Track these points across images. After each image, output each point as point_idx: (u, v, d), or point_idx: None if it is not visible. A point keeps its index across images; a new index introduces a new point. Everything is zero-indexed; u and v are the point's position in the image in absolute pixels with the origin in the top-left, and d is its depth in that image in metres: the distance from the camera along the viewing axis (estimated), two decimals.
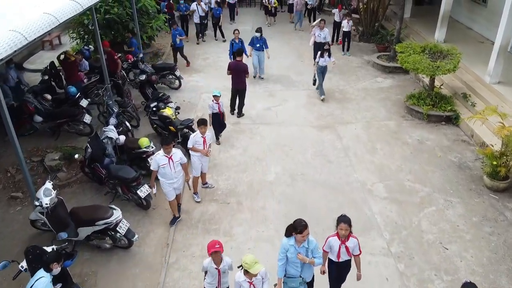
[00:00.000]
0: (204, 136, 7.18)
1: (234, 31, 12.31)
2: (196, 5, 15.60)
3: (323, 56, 10.97)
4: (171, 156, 6.40)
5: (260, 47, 12.16)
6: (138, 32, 12.83)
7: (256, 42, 12.11)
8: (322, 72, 11.24)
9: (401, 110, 10.76)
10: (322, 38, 12.65)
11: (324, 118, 10.45)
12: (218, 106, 8.81)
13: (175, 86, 12.17)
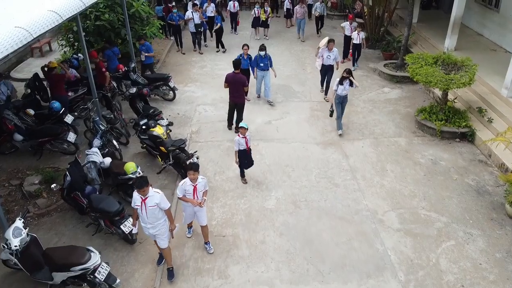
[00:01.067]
0: (195, 184, 5.79)
1: (243, 46, 10.81)
2: (192, 13, 14.52)
3: (342, 83, 9.16)
4: (146, 199, 5.35)
5: (265, 66, 10.76)
6: (130, 39, 12.10)
7: (260, 61, 10.71)
8: (341, 102, 9.44)
9: (411, 125, 10.00)
10: (332, 60, 10.91)
11: (328, 134, 9.70)
12: (245, 140, 7.46)
13: (169, 98, 11.42)
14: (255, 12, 15.86)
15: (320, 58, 11.04)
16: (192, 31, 14.79)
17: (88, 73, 9.13)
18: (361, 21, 17.03)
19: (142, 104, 9.64)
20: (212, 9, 15.73)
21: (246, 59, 10.76)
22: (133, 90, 9.44)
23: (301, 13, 15.90)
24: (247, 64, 10.75)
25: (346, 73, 9.13)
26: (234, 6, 16.47)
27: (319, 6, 16.27)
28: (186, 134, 9.73)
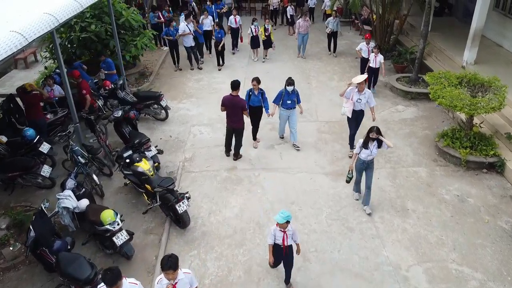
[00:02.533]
0: (174, 282, 4.37)
1: (253, 80, 8.53)
2: (186, 26, 12.80)
3: (367, 146, 6.73)
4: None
5: (291, 104, 8.64)
6: (119, 52, 11.03)
7: (286, 97, 8.58)
8: (364, 169, 6.98)
9: (431, 151, 8.93)
10: (362, 104, 8.27)
11: (339, 162, 8.62)
12: (283, 236, 5.24)
13: (161, 117, 10.35)
14: (251, 31, 13.55)
15: (349, 101, 8.21)
16: (187, 45, 13.07)
17: (67, 94, 8.05)
18: (369, 28, 16.01)
19: (129, 128, 8.56)
20: (210, 22, 14.04)
21: (258, 95, 8.62)
22: (118, 113, 8.36)
23: (305, 27, 13.89)
24: (258, 101, 8.63)
25: (373, 132, 6.62)
26: (236, 21, 14.25)
27: (332, 21, 13.94)
28: (178, 162, 8.65)
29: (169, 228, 6.78)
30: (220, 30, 13.13)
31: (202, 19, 14.06)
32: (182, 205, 6.29)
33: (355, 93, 8.13)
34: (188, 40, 12.97)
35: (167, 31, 13.07)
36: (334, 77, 12.91)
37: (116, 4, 11.63)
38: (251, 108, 8.63)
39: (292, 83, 8.53)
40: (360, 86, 8.01)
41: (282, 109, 8.73)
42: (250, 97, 8.60)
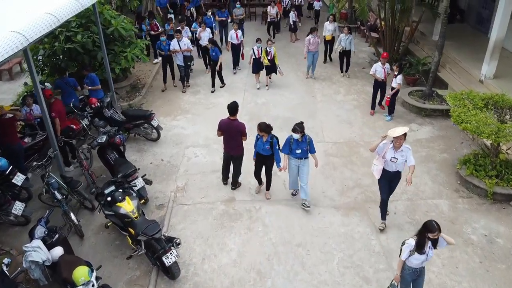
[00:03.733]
0: None
1: (259, 126, 7.02)
2: (177, 42, 11.37)
3: (423, 250, 4.83)
4: None
5: (302, 153, 6.92)
6: (107, 64, 10.12)
7: (295, 146, 6.88)
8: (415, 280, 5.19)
9: (452, 179, 8.02)
10: (399, 165, 6.32)
11: (350, 192, 7.72)
12: None
13: (152, 138, 9.44)
14: (254, 53, 11.63)
15: (381, 159, 6.33)
16: (180, 64, 11.69)
17: (43, 115, 7.16)
18: (376, 35, 15.12)
19: (115, 155, 7.65)
20: (208, 35, 12.50)
21: (266, 143, 7.07)
22: (102, 138, 7.45)
23: (316, 44, 12.04)
24: (266, 150, 7.07)
25: (435, 232, 4.69)
26: (237, 37, 12.58)
27: (344, 38, 12.12)
28: (169, 192, 7.75)
29: (156, 279, 5.88)
30: (215, 47, 11.45)
31: (199, 33, 12.73)
32: (170, 257, 5.38)
33: (390, 150, 6.18)
34: (178, 57, 11.61)
35: (159, 44, 11.73)
36: (340, 90, 12.00)
37: (105, 12, 10.73)
38: (258, 155, 7.22)
39: (300, 130, 6.73)
40: (398, 142, 6.07)
41: (291, 158, 7.06)
42: (257, 141, 7.16)
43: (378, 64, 10.07)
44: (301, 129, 6.75)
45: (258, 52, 11.53)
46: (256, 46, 11.58)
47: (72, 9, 7.56)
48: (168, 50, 11.49)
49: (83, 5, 7.60)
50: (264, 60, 11.51)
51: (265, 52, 11.46)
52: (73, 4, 7.64)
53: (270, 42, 11.56)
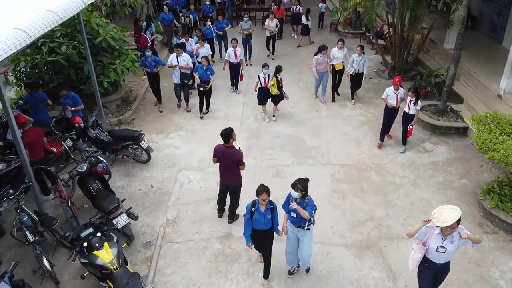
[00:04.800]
0: None
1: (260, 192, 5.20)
2: (176, 57, 10.12)
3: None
4: None
5: (298, 220, 5.31)
6: (94, 78, 9.28)
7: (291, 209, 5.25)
8: None
9: (474, 211, 7.19)
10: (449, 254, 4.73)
11: (361, 227, 6.87)
12: None
13: (142, 159, 8.60)
14: (260, 80, 9.79)
15: (421, 247, 4.77)
16: (176, 82, 10.42)
17: (16, 143, 6.32)
18: (383, 43, 14.29)
19: (97, 185, 6.80)
20: (207, 51, 11.24)
21: (265, 213, 5.29)
22: (83, 167, 6.61)
23: (324, 64, 10.56)
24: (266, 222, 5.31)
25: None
26: (236, 55, 11.05)
27: (357, 59, 10.38)
28: (158, 226, 6.91)
29: None
30: (208, 66, 10.00)
31: (197, 49, 11.31)
32: None
33: (435, 237, 4.65)
34: (176, 75, 10.28)
35: (144, 61, 10.23)
36: (346, 104, 11.16)
37: (92, 20, 9.88)
38: (255, 232, 5.40)
39: (302, 187, 5.11)
40: (448, 230, 4.52)
41: (290, 225, 5.48)
42: (253, 215, 5.30)
43: (390, 89, 8.71)
44: (303, 188, 5.12)
45: (265, 79, 9.69)
46: (262, 73, 9.72)
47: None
48: (154, 67, 10.18)
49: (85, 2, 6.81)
50: (273, 90, 9.65)
51: (276, 80, 9.60)
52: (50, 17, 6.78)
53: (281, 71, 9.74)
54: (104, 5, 11.87)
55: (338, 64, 10.73)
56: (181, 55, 10.13)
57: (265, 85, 9.69)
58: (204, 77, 9.95)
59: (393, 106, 8.69)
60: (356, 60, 10.44)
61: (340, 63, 10.71)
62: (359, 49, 10.42)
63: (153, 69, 10.20)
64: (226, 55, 11.26)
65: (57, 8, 6.70)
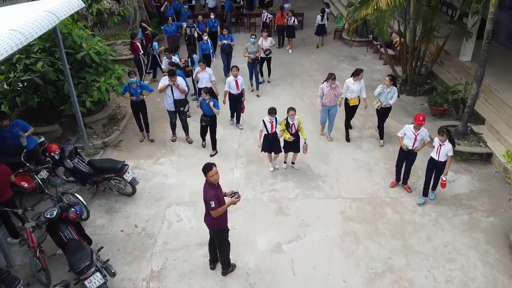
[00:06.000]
0: None
1: None
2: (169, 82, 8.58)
3: None
4: None
5: None
6: (74, 98, 8.30)
7: None
8: None
9: (506, 258, 6.20)
10: None
11: (379, 282, 5.87)
12: None
13: (127, 192, 7.62)
14: (265, 127, 7.77)
15: None
16: (169, 109, 8.96)
17: None
18: (392, 52, 13.31)
19: (70, 232, 5.80)
20: (208, 77, 9.65)
21: None
22: (52, 213, 5.63)
23: (332, 96, 8.67)
24: None
25: None
26: (238, 85, 9.25)
27: (385, 91, 8.53)
28: (140, 281, 5.91)
29: None
30: (212, 99, 8.27)
31: (196, 74, 9.75)
32: None
33: None
34: (168, 101, 8.84)
35: (127, 87, 8.69)
36: (355, 123, 10.13)
37: (74, 33, 8.90)
38: None
39: None
40: None
41: None
42: None
43: (409, 127, 7.16)
44: None
45: (272, 126, 7.77)
46: (268, 119, 7.71)
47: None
48: (140, 94, 8.72)
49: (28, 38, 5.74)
50: (285, 136, 7.81)
51: (285, 123, 7.73)
52: None
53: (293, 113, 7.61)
54: (90, 14, 10.86)
55: (354, 99, 8.87)
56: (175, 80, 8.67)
57: (272, 132, 7.81)
58: (208, 111, 8.42)
59: (408, 148, 7.25)
60: (385, 91, 8.50)
61: (355, 97, 8.84)
62: (387, 80, 8.47)
63: (139, 97, 8.74)
64: (226, 85, 9.33)
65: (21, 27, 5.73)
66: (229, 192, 5.52)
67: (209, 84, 9.57)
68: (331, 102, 8.75)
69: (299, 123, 7.81)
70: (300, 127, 7.84)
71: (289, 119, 7.67)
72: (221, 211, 5.34)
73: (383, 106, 8.66)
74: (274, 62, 13.81)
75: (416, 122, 6.97)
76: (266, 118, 7.74)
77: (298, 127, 7.80)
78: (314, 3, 20.35)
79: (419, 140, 7.14)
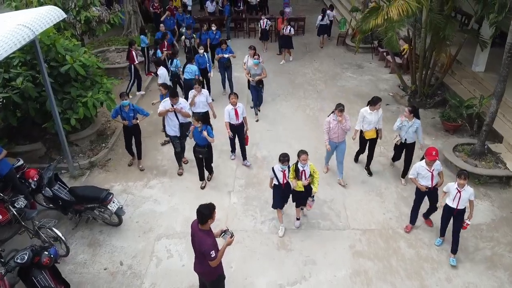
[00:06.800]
0: None
1: None
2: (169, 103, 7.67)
3: None
4: None
5: None
6: (56, 116, 7.60)
7: None
8: None
9: None
10: None
11: None
12: None
13: (112, 222, 6.90)
14: (276, 176, 6.34)
15: None
16: (173, 134, 7.93)
17: None
18: (399, 60, 12.59)
19: (44, 279, 5.09)
20: (205, 100, 8.59)
21: None
22: (23, 257, 4.92)
23: (339, 132, 7.37)
24: None
25: None
26: (237, 115, 7.96)
27: (406, 125, 7.30)
28: None
29: None
30: (204, 126, 7.24)
31: (193, 97, 8.49)
32: None
33: None
34: (171, 125, 7.82)
35: (119, 110, 7.78)
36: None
37: (58, 44, 8.19)
38: None
39: None
40: None
41: None
42: None
43: (420, 165, 6.20)
44: None
45: (284, 176, 6.31)
46: (279, 167, 6.25)
47: None
48: (133, 118, 7.83)
49: None
50: (298, 184, 6.34)
51: (294, 170, 6.31)
52: None
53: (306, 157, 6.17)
54: (78, 22, 10.15)
55: (370, 132, 7.63)
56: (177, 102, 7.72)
57: (285, 181, 6.34)
58: (201, 141, 7.37)
59: (428, 188, 6.29)
60: (406, 126, 7.29)
61: (372, 129, 7.61)
62: (407, 112, 7.21)
63: (132, 122, 7.85)
64: (225, 115, 7.95)
65: None
66: (219, 232, 4.85)
67: (205, 108, 8.62)
68: (339, 138, 7.41)
69: (313, 170, 6.34)
70: (314, 176, 6.37)
71: (300, 164, 6.22)
72: (220, 257, 4.68)
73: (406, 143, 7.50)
74: (274, 69, 13.25)
75: (428, 158, 6.05)
76: (276, 166, 6.27)
77: (310, 173, 6.30)
78: (316, 6, 19.70)
79: (436, 176, 6.24)
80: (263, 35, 14.85)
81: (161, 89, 8.55)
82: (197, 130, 7.20)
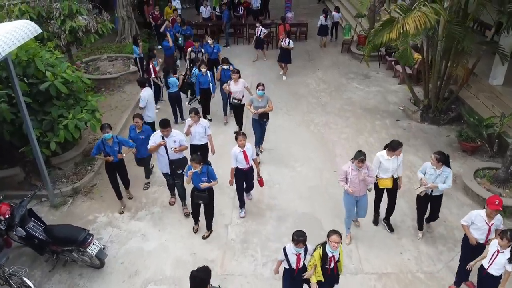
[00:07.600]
0: None
1: None
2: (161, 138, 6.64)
3: None
4: None
5: None
6: (33, 140, 6.80)
7: None
8: None
9: None
10: None
11: None
12: None
13: (93, 264, 6.10)
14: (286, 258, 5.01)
15: None
16: (164, 171, 7.01)
17: None
18: (409, 71, 11.77)
19: None
20: (203, 131, 7.36)
21: None
22: None
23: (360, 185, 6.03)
24: None
25: None
26: (247, 159, 6.72)
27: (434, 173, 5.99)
28: None
29: None
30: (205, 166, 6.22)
31: (188, 127, 7.31)
32: None
33: None
34: (162, 162, 6.85)
35: (101, 145, 6.72)
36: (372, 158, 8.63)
37: (38, 59, 7.37)
38: None
39: None
40: None
41: None
42: None
43: (479, 214, 5.21)
44: None
45: (299, 260, 4.98)
46: (293, 250, 4.90)
47: None
48: (118, 152, 6.81)
49: None
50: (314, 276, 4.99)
51: (321, 257, 4.88)
52: None
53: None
54: (63, 32, 9.34)
55: (386, 180, 6.33)
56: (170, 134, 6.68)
57: (298, 266, 5.02)
58: (198, 186, 6.22)
59: (479, 243, 5.29)
60: (433, 175, 5.99)
61: (389, 177, 6.32)
62: (434, 159, 5.90)
63: (117, 157, 6.83)
64: (232, 160, 6.70)
65: None
66: None
67: (203, 140, 7.44)
68: (361, 192, 6.07)
69: (341, 252, 5.01)
70: (341, 262, 5.09)
71: (329, 248, 4.79)
72: None
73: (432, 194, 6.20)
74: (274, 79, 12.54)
75: (490, 207, 5.01)
76: (288, 247, 4.95)
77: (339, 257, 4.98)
78: (317, 9, 18.84)
79: (493, 231, 5.17)
80: (258, 43, 14.03)
81: (137, 122, 7.13)
82: (197, 173, 6.10)
